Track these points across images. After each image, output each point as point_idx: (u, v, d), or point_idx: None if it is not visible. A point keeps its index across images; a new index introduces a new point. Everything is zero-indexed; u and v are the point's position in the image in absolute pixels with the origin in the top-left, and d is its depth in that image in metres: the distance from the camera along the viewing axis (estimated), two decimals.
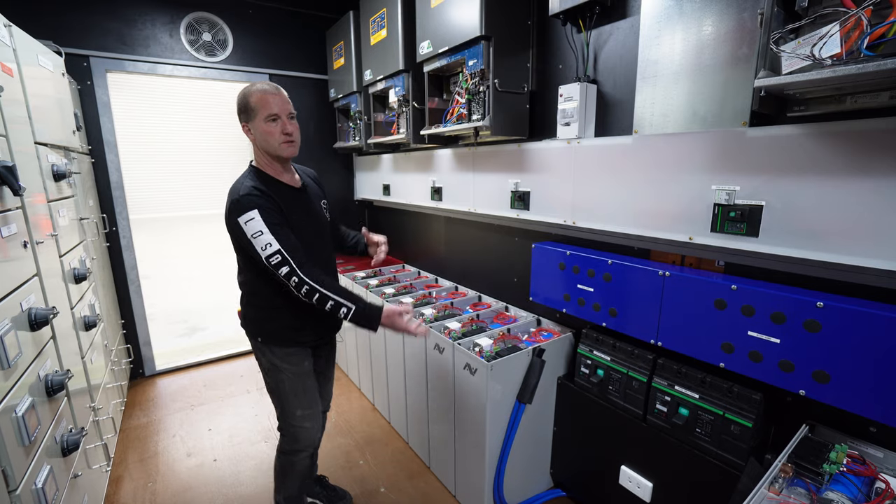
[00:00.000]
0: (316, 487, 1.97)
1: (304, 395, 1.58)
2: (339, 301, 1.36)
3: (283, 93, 1.42)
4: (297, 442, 1.61)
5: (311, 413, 1.60)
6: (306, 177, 1.63)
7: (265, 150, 1.43)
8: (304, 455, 1.64)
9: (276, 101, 1.38)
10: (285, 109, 1.40)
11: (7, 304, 1.16)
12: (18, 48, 1.50)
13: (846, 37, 0.85)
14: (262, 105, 1.37)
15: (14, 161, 1.30)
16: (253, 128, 1.40)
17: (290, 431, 1.60)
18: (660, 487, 1.54)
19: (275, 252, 1.31)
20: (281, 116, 1.39)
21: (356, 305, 1.37)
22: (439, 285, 2.79)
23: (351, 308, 1.36)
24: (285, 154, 1.43)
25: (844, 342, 1.05)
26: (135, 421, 2.67)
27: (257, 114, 1.37)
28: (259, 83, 1.42)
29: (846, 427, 1.18)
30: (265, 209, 1.34)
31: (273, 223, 1.34)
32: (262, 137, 1.40)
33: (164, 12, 2.88)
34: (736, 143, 1.22)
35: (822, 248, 1.10)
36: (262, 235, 1.31)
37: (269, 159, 1.46)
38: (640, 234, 1.51)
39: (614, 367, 1.64)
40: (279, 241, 1.32)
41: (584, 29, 1.65)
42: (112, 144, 2.84)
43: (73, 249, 1.89)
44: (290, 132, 1.41)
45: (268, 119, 1.38)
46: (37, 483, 1.19)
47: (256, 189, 1.37)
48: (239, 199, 1.35)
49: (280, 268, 1.32)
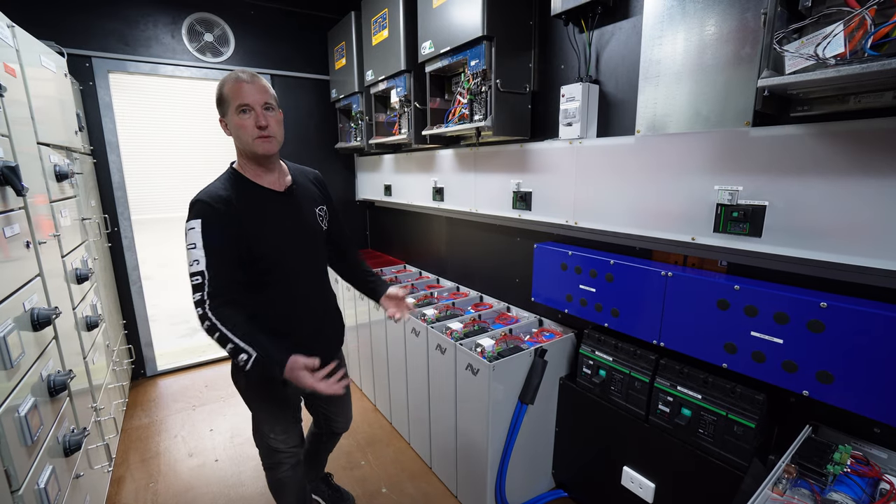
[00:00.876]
0: (321, 485, 1.95)
1: (278, 423, 1.47)
2: (239, 346, 1.18)
3: (261, 80, 1.25)
4: (274, 454, 1.51)
5: (286, 437, 1.49)
6: (304, 178, 1.46)
7: (240, 146, 1.27)
8: (287, 467, 1.53)
9: (249, 89, 1.21)
10: (259, 99, 1.22)
11: (10, 304, 1.16)
12: (21, 49, 1.51)
13: (850, 36, 0.85)
14: (233, 94, 1.20)
15: (17, 161, 1.31)
16: (228, 121, 1.25)
17: (264, 445, 1.51)
18: (662, 488, 1.54)
19: (198, 272, 1.17)
20: (254, 107, 1.21)
21: (257, 353, 1.18)
22: (441, 285, 2.79)
23: (251, 356, 1.17)
24: (260, 151, 1.24)
25: (848, 342, 1.04)
26: (136, 421, 2.67)
27: (230, 105, 1.21)
28: (235, 71, 1.26)
29: (850, 428, 1.17)
30: (210, 224, 1.19)
31: (211, 242, 1.18)
32: (235, 132, 1.24)
33: (166, 13, 2.88)
34: (739, 144, 1.22)
35: (826, 249, 1.10)
36: (194, 249, 1.17)
37: (246, 159, 1.30)
38: (643, 235, 1.51)
39: (616, 367, 1.64)
40: (208, 261, 1.17)
41: (586, 29, 1.65)
42: (114, 145, 2.85)
43: (76, 250, 1.90)
44: (264, 125, 1.22)
45: (239, 110, 1.21)
46: (39, 483, 1.19)
47: (217, 196, 1.21)
48: (193, 202, 1.21)
49: (196, 291, 1.18)
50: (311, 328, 1.44)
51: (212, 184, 1.28)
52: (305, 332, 1.40)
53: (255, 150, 1.25)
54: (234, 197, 1.24)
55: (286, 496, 1.60)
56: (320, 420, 1.75)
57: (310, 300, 1.44)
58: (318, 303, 1.48)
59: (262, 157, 1.28)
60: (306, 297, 1.42)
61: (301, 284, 1.39)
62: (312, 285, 1.44)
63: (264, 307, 1.33)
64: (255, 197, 1.29)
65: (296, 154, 3.48)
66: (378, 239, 3.84)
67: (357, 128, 3.02)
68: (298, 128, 3.47)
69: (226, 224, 1.21)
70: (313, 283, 1.45)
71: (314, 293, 1.46)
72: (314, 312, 1.46)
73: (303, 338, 1.40)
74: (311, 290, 1.44)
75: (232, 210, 1.22)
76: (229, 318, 1.19)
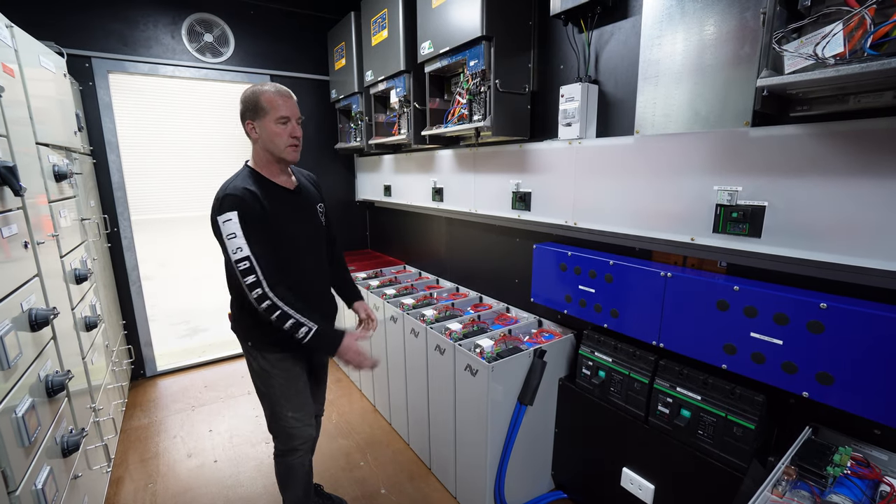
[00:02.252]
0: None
1: (297, 398, 1.55)
2: (300, 322, 1.34)
3: (295, 98, 1.44)
4: (292, 439, 1.57)
5: (302, 415, 1.57)
6: (304, 179, 1.61)
7: (269, 150, 1.41)
8: (301, 454, 1.60)
9: (289, 104, 1.39)
10: (296, 114, 1.42)
11: (7, 304, 1.16)
12: (20, 49, 1.51)
13: (849, 36, 0.84)
14: (273, 106, 1.37)
15: (15, 161, 1.31)
16: (259, 127, 1.39)
17: (283, 431, 1.57)
18: (662, 489, 1.53)
19: (244, 258, 1.29)
20: (291, 119, 1.40)
21: (318, 327, 1.36)
22: (440, 286, 2.79)
23: (311, 328, 1.34)
24: (290, 157, 1.43)
25: (848, 343, 1.04)
26: (135, 422, 2.67)
27: (268, 114, 1.37)
28: (269, 84, 1.41)
29: (850, 429, 1.17)
30: (246, 213, 1.32)
31: (250, 229, 1.31)
32: (268, 138, 1.39)
33: (166, 13, 2.88)
34: (738, 144, 1.22)
35: (826, 249, 1.09)
36: (235, 238, 1.30)
37: (268, 160, 1.44)
38: (642, 235, 1.50)
39: (616, 368, 1.63)
40: (251, 248, 1.30)
41: (585, 29, 1.65)
42: (113, 145, 2.85)
43: (75, 250, 1.89)
44: (298, 136, 1.42)
45: (279, 121, 1.37)
46: (37, 484, 1.18)
47: (245, 190, 1.34)
48: (224, 197, 1.33)
49: (247, 275, 1.30)
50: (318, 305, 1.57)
51: (234, 180, 1.41)
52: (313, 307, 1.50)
53: (286, 156, 1.42)
54: (258, 191, 1.38)
55: (295, 485, 1.63)
56: None
57: (316, 286, 1.58)
58: (323, 288, 1.64)
59: (288, 162, 1.46)
60: (313, 282, 1.56)
61: (309, 271, 1.54)
62: (318, 272, 1.59)
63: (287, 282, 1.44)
64: (272, 193, 1.44)
65: None
66: (378, 239, 3.84)
67: (357, 128, 3.02)
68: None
69: (258, 215, 1.35)
70: (319, 271, 1.60)
71: (319, 279, 1.60)
72: (321, 296, 1.61)
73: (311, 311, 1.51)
74: (316, 277, 1.58)
75: (258, 202, 1.36)
76: (285, 297, 1.34)
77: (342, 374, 3.25)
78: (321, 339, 1.37)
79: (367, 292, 2.62)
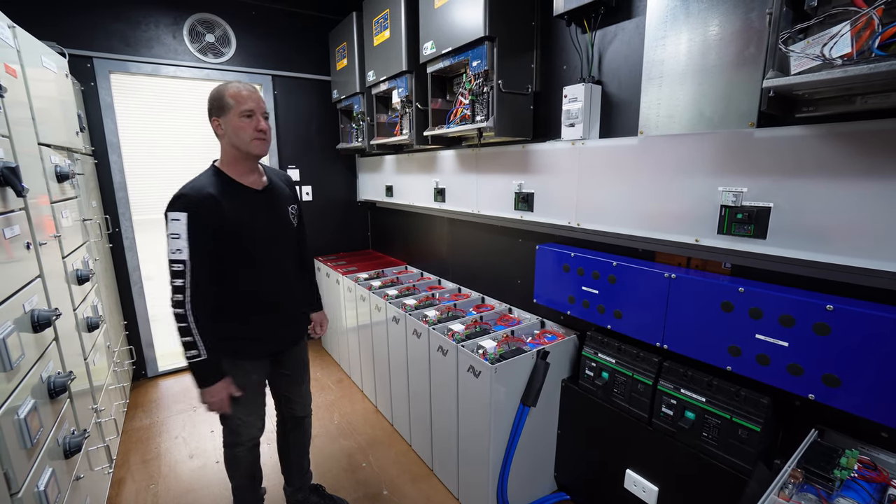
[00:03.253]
0: (313, 497, 1.93)
1: (247, 405, 1.57)
2: (196, 342, 1.34)
3: (260, 93, 1.44)
4: (238, 436, 1.62)
5: (250, 418, 1.61)
6: (277, 179, 1.60)
7: (236, 146, 1.40)
8: (243, 449, 1.65)
9: (253, 97, 1.39)
10: (260, 107, 1.40)
11: (10, 305, 1.15)
12: (22, 49, 1.50)
13: (857, 36, 0.84)
14: (237, 101, 1.36)
15: (17, 162, 1.30)
16: (225, 123, 1.38)
17: (230, 427, 1.61)
18: (665, 492, 1.52)
19: (180, 261, 1.30)
20: (256, 113, 1.38)
21: (207, 357, 1.35)
22: (442, 287, 2.78)
23: (197, 355, 1.34)
24: (256, 151, 1.41)
25: (855, 346, 1.03)
26: (137, 422, 2.67)
27: (232, 109, 1.36)
28: (234, 81, 1.42)
29: (857, 432, 1.16)
30: (195, 218, 1.31)
31: (195, 236, 1.31)
32: (233, 133, 1.38)
33: (168, 14, 2.88)
34: (743, 145, 1.21)
35: (832, 251, 1.08)
36: (177, 239, 1.30)
37: (235, 158, 1.43)
38: (646, 236, 1.50)
39: (619, 369, 1.63)
40: (190, 254, 1.30)
41: (588, 29, 1.64)
42: (115, 145, 2.85)
43: (76, 251, 1.89)
44: (263, 129, 1.40)
45: (243, 114, 1.36)
46: (39, 486, 1.18)
47: (203, 193, 1.34)
48: (178, 195, 1.33)
49: (176, 277, 1.31)
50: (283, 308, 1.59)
51: (196, 179, 1.41)
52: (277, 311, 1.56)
53: (252, 150, 1.40)
54: (217, 193, 1.37)
55: (238, 471, 1.71)
56: (281, 403, 1.82)
57: (277, 286, 1.56)
58: (289, 289, 1.62)
59: (254, 156, 1.44)
60: (278, 280, 1.55)
61: (275, 270, 1.54)
62: (281, 273, 1.57)
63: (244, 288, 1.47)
64: (237, 193, 1.43)
65: (297, 155, 3.48)
66: (379, 240, 3.84)
67: (358, 128, 3.01)
68: (300, 129, 3.47)
69: (208, 219, 1.34)
70: (282, 271, 1.57)
71: (282, 280, 1.58)
72: (284, 298, 1.59)
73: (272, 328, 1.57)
74: (279, 277, 1.56)
75: (214, 205, 1.35)
76: (200, 315, 1.35)
77: (343, 374, 3.24)
78: (197, 370, 1.37)
79: (369, 293, 2.62)
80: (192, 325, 1.34)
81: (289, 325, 1.64)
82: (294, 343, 1.70)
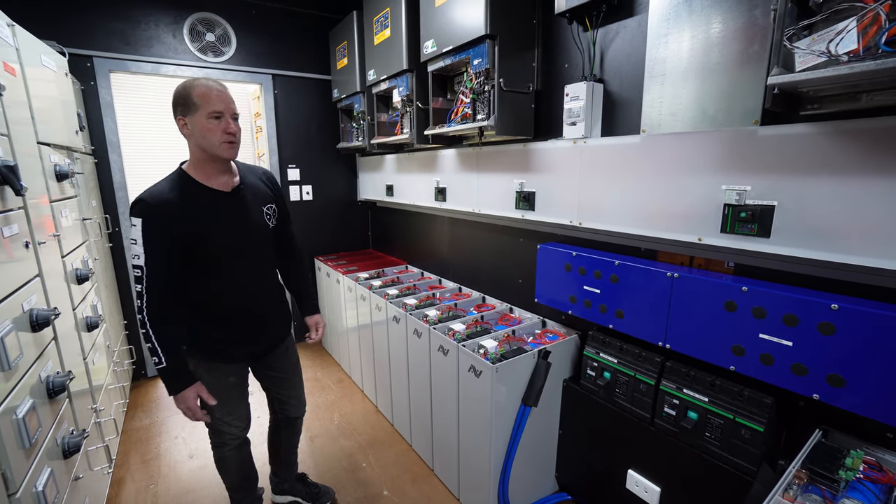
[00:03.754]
0: (298, 485, 1.97)
1: (227, 406, 1.56)
2: (156, 349, 1.33)
3: (229, 92, 1.36)
4: (221, 436, 1.62)
5: (231, 419, 1.60)
6: (253, 177, 1.53)
7: (203, 148, 1.33)
8: (229, 448, 1.65)
9: (223, 97, 1.31)
10: (230, 109, 1.33)
11: (8, 304, 1.15)
12: (21, 48, 1.50)
13: (863, 32, 0.83)
14: (205, 100, 1.28)
15: (16, 161, 1.30)
16: (191, 123, 1.30)
17: (213, 427, 1.60)
18: (668, 492, 1.51)
19: (138, 266, 1.30)
20: (225, 115, 1.31)
21: (166, 364, 1.34)
22: (443, 286, 2.77)
23: (161, 362, 1.34)
24: (225, 155, 1.35)
25: (860, 345, 1.02)
26: (137, 422, 2.66)
27: (199, 109, 1.29)
28: (203, 78, 1.35)
29: (861, 432, 1.15)
30: (151, 224, 1.28)
31: (150, 242, 1.29)
32: (201, 134, 1.31)
33: (168, 13, 2.88)
34: (747, 143, 1.20)
35: (837, 249, 1.08)
36: (135, 245, 1.29)
37: (202, 159, 1.36)
38: (648, 235, 1.49)
39: (621, 369, 1.62)
40: (146, 260, 1.29)
41: (590, 27, 1.63)
42: (115, 145, 2.84)
43: (76, 250, 1.89)
44: (233, 132, 1.33)
45: (210, 116, 1.29)
46: (37, 486, 1.17)
47: (160, 199, 1.30)
48: (136, 200, 1.30)
49: (137, 283, 1.31)
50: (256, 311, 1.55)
51: (158, 184, 1.36)
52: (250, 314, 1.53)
53: (220, 153, 1.34)
54: (178, 198, 1.33)
55: (229, 472, 1.71)
56: (274, 404, 1.83)
57: (249, 290, 1.52)
58: (263, 292, 1.58)
59: (223, 160, 1.38)
60: (249, 284, 1.51)
61: (246, 273, 1.49)
62: (253, 276, 1.52)
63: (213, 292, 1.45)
64: (201, 197, 1.37)
65: (297, 154, 3.47)
66: (380, 239, 3.83)
67: (359, 128, 3.00)
68: (300, 128, 3.46)
69: (165, 225, 1.30)
70: (255, 274, 1.53)
71: (257, 281, 1.54)
72: (257, 301, 1.55)
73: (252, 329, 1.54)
74: (251, 281, 1.52)
75: (174, 211, 1.31)
76: (158, 321, 1.33)
77: (344, 374, 3.24)
78: (165, 376, 1.37)
79: (370, 292, 2.61)
80: (151, 332, 1.32)
81: (264, 327, 1.59)
82: (274, 346, 1.66)
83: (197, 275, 1.41)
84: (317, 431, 2.53)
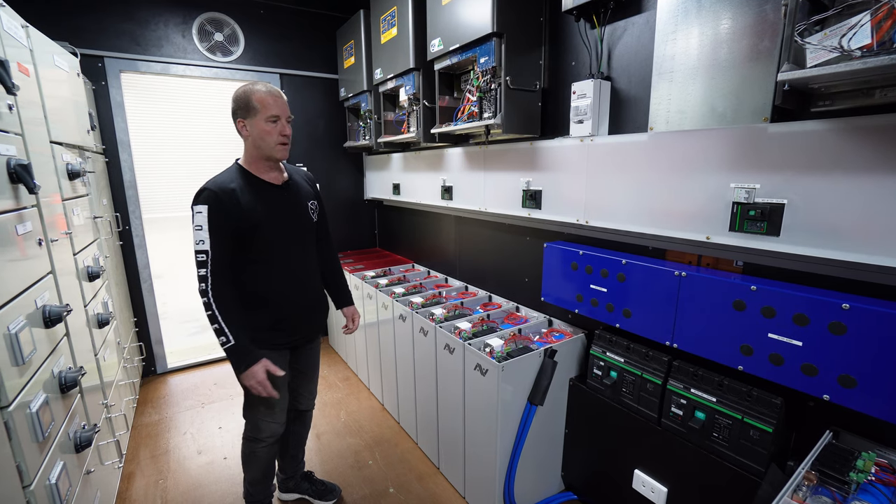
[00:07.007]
0: (304, 483, 1.99)
1: (272, 406, 1.62)
2: (223, 329, 1.40)
3: (285, 98, 1.50)
4: (259, 432, 1.66)
5: (273, 413, 1.65)
6: (298, 177, 1.66)
7: (259, 148, 1.47)
8: (264, 445, 1.69)
9: (279, 103, 1.45)
10: (286, 113, 1.47)
11: (22, 301, 1.17)
12: (35, 49, 1.52)
13: (877, 27, 0.82)
14: (265, 105, 1.42)
15: (30, 160, 1.31)
16: (250, 125, 1.44)
17: (253, 422, 1.66)
18: (675, 492, 1.50)
19: (203, 251, 1.38)
20: (281, 118, 1.45)
21: (235, 342, 1.41)
22: (449, 285, 2.78)
23: (229, 340, 1.40)
24: (279, 155, 1.48)
25: (872, 345, 1.01)
26: (147, 418, 2.70)
27: (259, 112, 1.42)
28: (260, 83, 1.47)
29: (873, 434, 1.14)
30: (216, 210, 1.38)
31: (215, 227, 1.38)
32: (258, 136, 1.44)
33: (177, 13, 2.91)
34: (756, 140, 1.19)
35: (848, 248, 1.06)
36: (200, 231, 1.38)
37: (257, 157, 1.50)
38: (656, 234, 1.48)
39: (628, 368, 1.61)
40: (211, 243, 1.38)
41: (597, 25, 1.62)
42: (126, 144, 2.88)
43: (87, 248, 1.91)
44: (287, 134, 1.48)
45: (269, 119, 1.43)
46: (50, 479, 1.19)
47: (223, 187, 1.41)
48: (202, 189, 1.41)
49: (200, 267, 1.39)
50: (301, 301, 1.64)
51: (220, 175, 1.48)
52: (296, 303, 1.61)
53: (275, 154, 1.48)
54: (238, 188, 1.45)
55: (254, 467, 1.75)
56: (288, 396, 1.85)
57: (298, 275, 1.62)
58: (309, 282, 1.68)
59: (277, 159, 1.51)
60: (296, 273, 1.61)
61: (295, 263, 1.59)
62: (302, 264, 1.63)
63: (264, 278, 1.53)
64: (258, 188, 1.50)
65: (305, 153, 3.49)
66: (386, 238, 3.84)
67: (366, 126, 3.01)
68: (308, 127, 3.48)
69: (229, 211, 1.41)
70: (303, 263, 1.64)
71: (303, 270, 1.64)
72: (304, 290, 1.65)
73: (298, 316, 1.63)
74: (300, 268, 1.62)
75: (236, 199, 1.42)
76: (223, 302, 1.41)
77: (350, 372, 3.25)
78: (233, 355, 1.43)
79: (376, 290, 2.62)
80: (217, 312, 1.39)
81: (308, 316, 1.68)
82: (311, 339, 1.76)
83: (250, 262, 1.50)
84: (323, 429, 2.55)
